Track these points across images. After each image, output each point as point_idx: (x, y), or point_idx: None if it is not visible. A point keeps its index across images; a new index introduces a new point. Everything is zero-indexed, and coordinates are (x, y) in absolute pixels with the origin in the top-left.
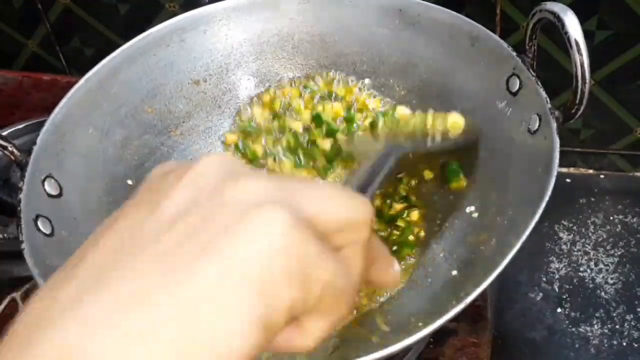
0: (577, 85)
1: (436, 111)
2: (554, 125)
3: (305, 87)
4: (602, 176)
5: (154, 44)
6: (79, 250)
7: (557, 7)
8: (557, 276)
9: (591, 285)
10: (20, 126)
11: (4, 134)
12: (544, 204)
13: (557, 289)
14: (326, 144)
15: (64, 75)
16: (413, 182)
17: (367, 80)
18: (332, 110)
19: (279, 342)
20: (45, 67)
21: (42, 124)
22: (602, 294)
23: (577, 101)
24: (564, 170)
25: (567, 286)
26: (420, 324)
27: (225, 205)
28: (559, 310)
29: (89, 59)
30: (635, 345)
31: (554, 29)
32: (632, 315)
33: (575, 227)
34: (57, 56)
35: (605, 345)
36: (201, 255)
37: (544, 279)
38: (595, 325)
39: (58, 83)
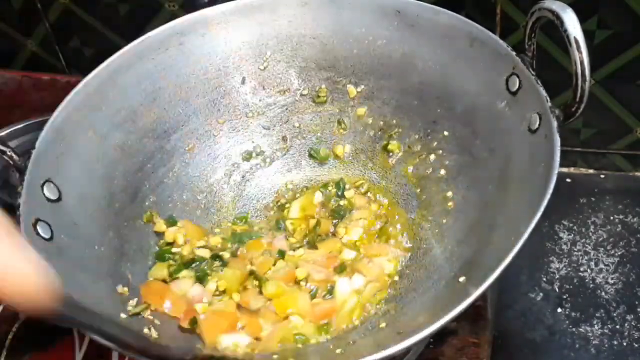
0: (577, 83)
1: None
2: (555, 123)
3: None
4: (602, 176)
5: (152, 47)
6: None
7: (556, 5)
8: (557, 276)
9: (591, 285)
10: (19, 126)
11: (4, 133)
12: (544, 204)
13: (557, 289)
14: None
15: (63, 75)
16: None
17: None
18: None
19: None
20: (44, 66)
21: (41, 123)
22: (603, 294)
23: (577, 99)
24: (565, 170)
25: (568, 286)
26: (420, 324)
27: None
28: (559, 310)
29: (88, 59)
30: (636, 345)
31: (554, 29)
32: (632, 316)
33: (575, 227)
34: (57, 56)
35: (606, 345)
36: None
37: (544, 279)
38: (596, 326)
39: (57, 83)
